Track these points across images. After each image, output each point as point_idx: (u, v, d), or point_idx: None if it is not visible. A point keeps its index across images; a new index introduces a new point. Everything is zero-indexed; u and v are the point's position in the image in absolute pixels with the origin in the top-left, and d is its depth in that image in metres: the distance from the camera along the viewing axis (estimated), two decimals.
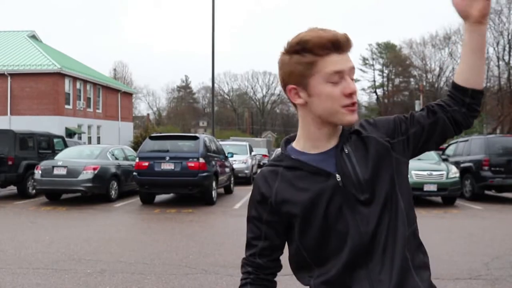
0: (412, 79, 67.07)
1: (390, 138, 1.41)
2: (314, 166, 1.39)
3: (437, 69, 61.81)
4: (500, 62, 51.06)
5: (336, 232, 1.37)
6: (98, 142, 33.41)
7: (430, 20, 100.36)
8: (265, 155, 32.70)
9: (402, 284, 1.34)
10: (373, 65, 73.97)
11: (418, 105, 44.28)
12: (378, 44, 73.60)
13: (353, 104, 1.35)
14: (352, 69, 1.35)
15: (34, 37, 35.44)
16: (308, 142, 1.43)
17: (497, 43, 50.69)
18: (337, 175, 1.36)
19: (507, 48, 49.18)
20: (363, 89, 75.41)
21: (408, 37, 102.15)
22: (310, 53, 1.33)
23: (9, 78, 29.28)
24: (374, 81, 74.09)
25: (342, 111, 1.34)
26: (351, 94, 1.33)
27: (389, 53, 70.44)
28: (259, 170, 18.68)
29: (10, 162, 13.34)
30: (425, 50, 62.17)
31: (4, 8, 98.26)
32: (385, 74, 72.97)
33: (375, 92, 74.64)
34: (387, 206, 1.36)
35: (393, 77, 71.50)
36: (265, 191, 1.44)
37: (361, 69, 74.79)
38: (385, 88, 72.73)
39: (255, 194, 1.48)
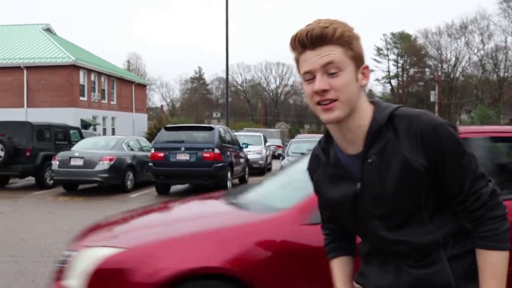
0: (427, 69, 66.43)
1: (430, 162, 1.28)
2: (345, 168, 1.38)
3: (453, 59, 61.14)
4: None
5: (362, 226, 1.41)
6: (113, 134, 33.64)
7: (446, 9, 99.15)
8: (279, 146, 32.64)
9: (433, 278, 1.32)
10: (387, 55, 73.21)
11: (433, 96, 43.83)
12: (392, 34, 72.80)
13: (323, 102, 1.28)
14: (326, 65, 1.27)
15: (49, 30, 35.71)
16: (336, 140, 1.41)
17: None
18: (358, 183, 1.35)
19: None
20: (377, 80, 74.75)
21: (423, 27, 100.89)
22: (292, 51, 1.34)
23: (25, 71, 29.58)
24: (389, 71, 73.40)
25: (317, 109, 1.31)
26: (318, 92, 1.28)
27: (403, 43, 69.66)
28: (273, 161, 18.55)
29: (28, 154, 13.52)
30: (440, 39, 61.52)
31: (20, 1, 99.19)
32: (399, 65, 72.25)
33: (390, 82, 74.00)
34: (405, 224, 1.33)
35: (408, 67, 70.80)
36: (312, 172, 1.51)
37: (375, 59, 74.17)
38: (400, 78, 72.05)
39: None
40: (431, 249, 1.32)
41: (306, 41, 1.28)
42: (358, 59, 1.31)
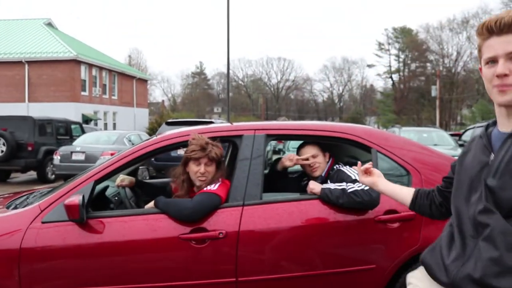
0: (428, 64, 66.21)
1: None
2: (490, 142, 1.46)
3: (455, 53, 60.96)
4: None
5: (471, 198, 1.45)
6: (114, 128, 33.75)
7: (448, 3, 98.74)
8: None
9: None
10: (388, 50, 72.96)
11: (434, 91, 43.78)
12: (394, 29, 72.50)
13: (503, 85, 1.38)
14: (510, 53, 1.37)
15: (50, 24, 35.68)
16: (497, 118, 1.50)
17: None
18: (492, 154, 1.42)
19: None
20: (379, 74, 74.93)
21: (425, 21, 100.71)
22: (478, 37, 1.45)
23: (26, 65, 29.61)
24: (390, 66, 73.22)
25: (494, 91, 1.40)
26: (499, 76, 1.38)
27: (405, 38, 69.46)
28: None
29: (29, 148, 13.57)
30: (442, 34, 61.32)
31: None
32: (401, 59, 72.00)
33: (391, 77, 73.86)
34: (504, 213, 1.33)
35: (409, 62, 70.57)
36: (464, 149, 1.64)
37: (376, 54, 74.20)
38: (401, 73, 71.84)
39: None
40: None
41: (494, 28, 1.38)
42: None
